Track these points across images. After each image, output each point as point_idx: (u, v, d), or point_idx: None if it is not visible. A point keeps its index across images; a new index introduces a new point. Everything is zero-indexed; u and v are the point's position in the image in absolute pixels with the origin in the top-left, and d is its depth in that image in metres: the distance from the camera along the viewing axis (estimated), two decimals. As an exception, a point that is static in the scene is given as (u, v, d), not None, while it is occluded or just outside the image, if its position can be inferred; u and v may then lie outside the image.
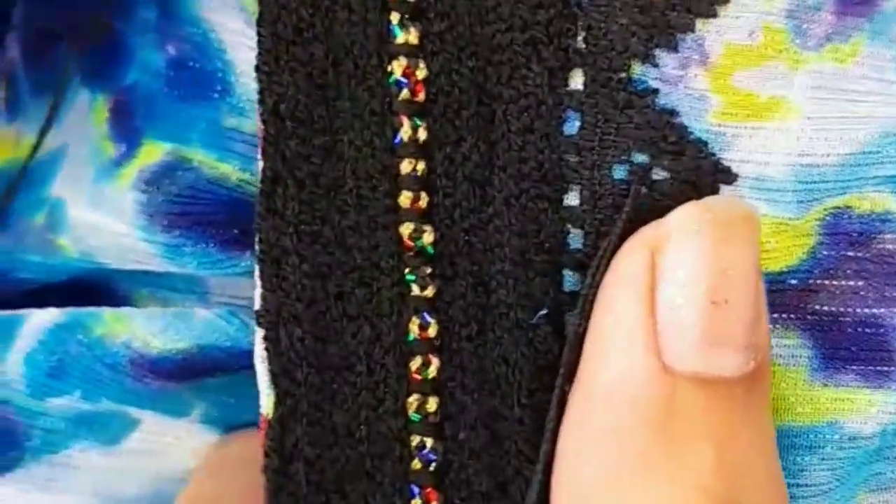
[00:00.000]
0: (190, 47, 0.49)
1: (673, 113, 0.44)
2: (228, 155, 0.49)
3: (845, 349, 0.46)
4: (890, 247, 0.45)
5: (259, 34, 0.45)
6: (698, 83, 0.44)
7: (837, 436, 0.46)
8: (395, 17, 0.45)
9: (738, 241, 0.40)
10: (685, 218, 0.40)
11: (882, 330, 0.46)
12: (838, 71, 0.44)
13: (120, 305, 0.52)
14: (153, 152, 0.49)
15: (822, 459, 0.46)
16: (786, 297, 0.45)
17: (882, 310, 0.46)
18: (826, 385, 0.46)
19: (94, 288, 0.53)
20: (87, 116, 0.51)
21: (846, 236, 0.45)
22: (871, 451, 0.47)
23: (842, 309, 0.46)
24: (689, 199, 0.44)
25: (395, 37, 0.45)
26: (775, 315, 0.46)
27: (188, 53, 0.49)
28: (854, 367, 0.46)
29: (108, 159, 0.50)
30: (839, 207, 0.45)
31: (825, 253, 0.45)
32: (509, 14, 0.44)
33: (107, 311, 0.51)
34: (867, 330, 0.46)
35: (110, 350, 0.50)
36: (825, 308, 0.46)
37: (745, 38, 0.43)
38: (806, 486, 0.46)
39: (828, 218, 0.45)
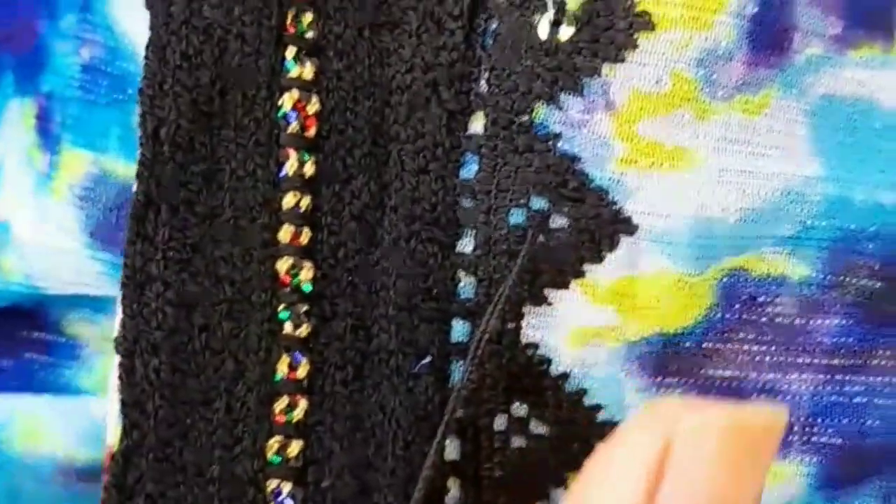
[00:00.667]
0: (103, 51, 0.47)
1: (574, 159, 0.42)
2: None
3: None
4: (785, 311, 0.43)
5: (146, 58, 0.44)
6: (602, 129, 0.42)
7: None
8: (290, 52, 0.43)
9: (752, 476, 0.38)
10: (711, 429, 0.38)
11: (779, 396, 0.44)
12: (746, 123, 0.43)
13: (50, 332, 0.50)
14: (76, 164, 0.47)
15: None
16: (680, 360, 0.44)
17: (779, 375, 0.44)
18: None
19: (27, 313, 0.51)
20: (19, 125, 0.50)
21: (742, 299, 0.43)
22: None
23: (738, 373, 0.44)
24: (587, 248, 0.42)
25: (287, 71, 0.43)
26: (670, 379, 0.44)
27: (102, 57, 0.47)
28: None
29: (39, 170, 0.48)
30: (736, 269, 0.43)
31: (720, 315, 0.43)
32: (411, 55, 0.43)
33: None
34: (764, 397, 0.44)
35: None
36: (721, 373, 0.44)
37: (652, 85, 0.42)
38: None
39: (724, 279, 0.43)
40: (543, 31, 0.42)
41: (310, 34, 0.43)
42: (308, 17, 0.43)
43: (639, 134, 0.42)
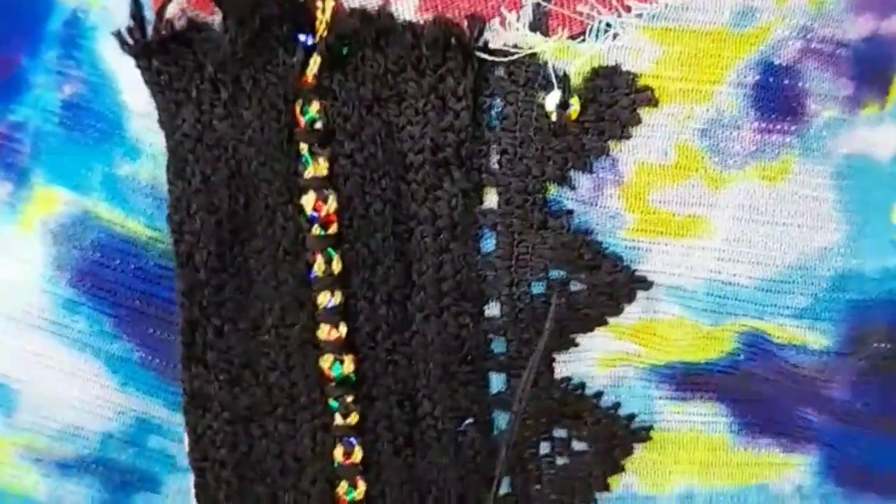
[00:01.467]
0: (86, 88, 0.47)
1: (588, 231, 0.44)
2: (133, 210, 0.47)
3: (760, 418, 0.48)
4: (805, 372, 0.45)
5: (169, 181, 0.45)
6: (613, 203, 0.43)
7: (763, 496, 0.49)
8: (303, 148, 0.44)
9: None
10: None
11: (789, 405, 0.47)
12: (768, 190, 0.43)
13: None
14: (52, 200, 0.48)
15: None
16: (703, 377, 0.47)
17: (795, 409, 0.47)
18: (747, 450, 0.48)
19: None
20: None
21: (764, 353, 0.45)
22: None
23: (756, 390, 0.47)
24: (607, 305, 0.45)
25: (305, 168, 0.44)
26: (693, 392, 0.47)
27: (84, 94, 0.47)
28: (769, 434, 0.48)
29: None
30: (757, 329, 0.45)
31: (742, 357, 0.46)
32: (419, 134, 0.44)
33: None
34: (778, 405, 0.47)
35: None
36: (741, 388, 0.47)
37: (658, 157, 0.43)
38: None
39: (745, 334, 0.45)
40: (552, 112, 0.43)
41: (319, 124, 0.44)
42: (315, 106, 0.44)
43: (649, 205, 0.43)
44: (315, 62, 0.43)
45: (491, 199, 0.44)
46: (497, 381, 0.46)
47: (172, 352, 0.47)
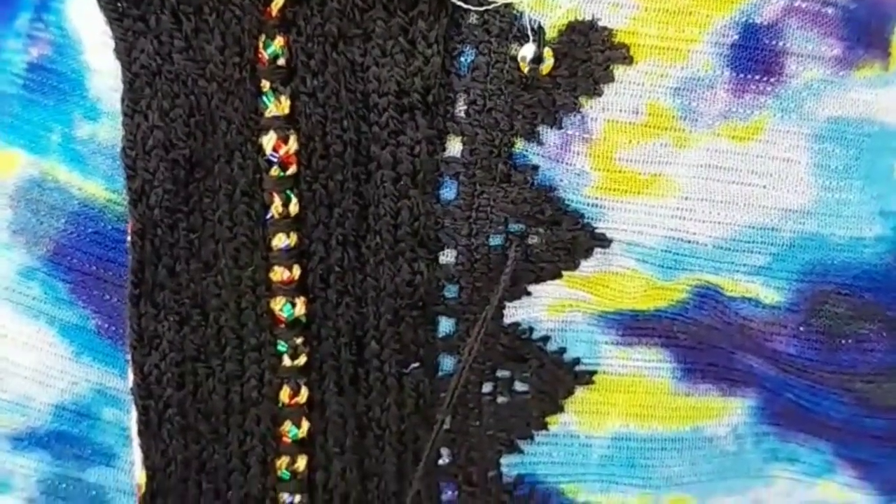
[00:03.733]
0: (51, 49, 0.46)
1: (551, 188, 0.43)
2: (92, 172, 0.46)
3: (703, 364, 0.48)
4: (754, 325, 0.45)
5: (123, 114, 0.43)
6: (579, 160, 0.43)
7: (698, 437, 0.49)
8: (265, 86, 0.43)
9: None
10: None
11: (731, 350, 0.47)
12: (735, 149, 0.43)
13: None
14: (9, 163, 0.47)
15: (684, 458, 0.49)
16: (650, 324, 0.47)
17: (736, 355, 0.47)
18: (687, 395, 0.48)
19: None
20: None
21: (713, 306, 0.45)
22: (727, 451, 0.49)
23: (699, 343, 0.47)
24: (564, 260, 0.44)
25: (265, 107, 0.43)
26: (639, 338, 0.47)
27: (49, 55, 0.46)
28: (710, 380, 0.48)
29: None
30: (710, 284, 0.45)
31: (691, 307, 0.46)
32: (385, 77, 0.42)
33: None
34: (721, 352, 0.47)
35: None
36: (685, 336, 0.47)
37: (629, 116, 0.42)
38: (668, 479, 0.49)
39: (698, 288, 0.45)
40: (524, 65, 0.42)
41: (281, 60, 0.42)
42: (278, 41, 0.42)
43: (615, 163, 0.43)
44: (279, -6, 0.41)
45: (455, 147, 0.43)
46: (445, 325, 0.46)
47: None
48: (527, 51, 0.42)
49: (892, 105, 0.44)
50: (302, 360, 0.45)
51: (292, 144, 0.43)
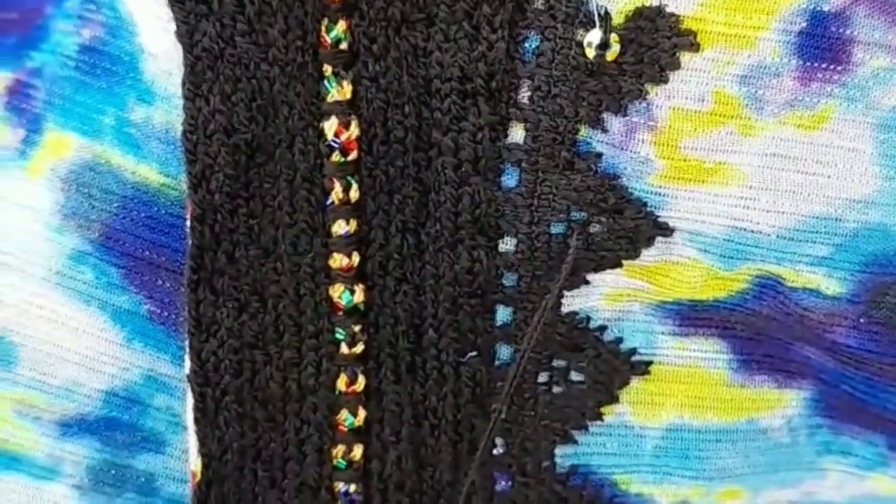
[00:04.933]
0: (104, 31, 0.46)
1: (615, 176, 0.43)
2: (146, 156, 0.46)
3: (759, 355, 0.47)
4: (814, 316, 0.45)
5: (185, 98, 0.43)
6: (644, 148, 0.42)
7: (752, 429, 0.49)
8: (327, 70, 0.42)
9: None
10: None
11: (788, 341, 0.47)
12: (801, 138, 0.42)
13: None
14: (63, 145, 0.46)
15: (737, 450, 0.49)
16: (709, 314, 0.46)
17: (794, 346, 0.47)
18: (742, 386, 0.48)
19: None
20: None
21: (774, 296, 0.45)
22: (781, 444, 0.49)
23: (759, 327, 0.47)
24: (625, 249, 0.44)
25: (327, 92, 0.42)
26: (696, 329, 0.47)
27: (101, 37, 0.46)
28: (766, 371, 0.48)
29: (6, 145, 0.47)
30: (772, 274, 0.44)
31: (750, 297, 0.45)
32: (448, 62, 0.42)
33: None
34: (776, 342, 0.47)
35: None
36: (743, 327, 0.47)
37: (695, 103, 0.42)
38: (721, 471, 0.49)
39: (759, 278, 0.45)
40: (590, 51, 0.41)
41: (344, 44, 0.42)
42: (342, 25, 0.42)
43: (680, 151, 0.42)
44: (342, -22, 0.41)
45: (517, 134, 0.43)
46: (503, 314, 0.45)
47: (183, 305, 0.45)
48: (593, 37, 0.41)
49: None
50: (359, 347, 0.45)
51: (354, 130, 0.43)
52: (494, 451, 0.47)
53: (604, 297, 0.46)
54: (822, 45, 0.41)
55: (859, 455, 0.49)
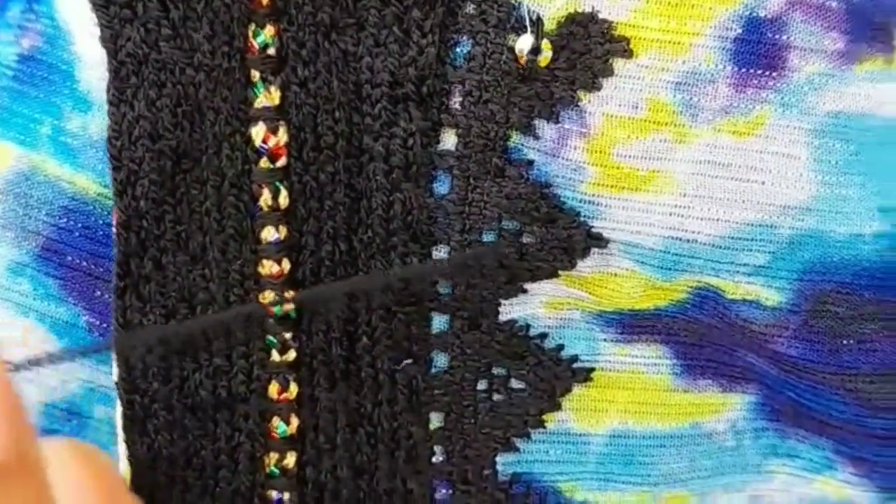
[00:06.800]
0: (42, 40, 0.45)
1: (547, 184, 0.42)
2: (83, 165, 0.45)
3: (703, 360, 0.47)
4: (755, 327, 0.45)
5: (109, 103, 0.42)
6: (576, 155, 0.42)
7: (696, 433, 0.48)
8: (255, 76, 0.42)
9: None
10: None
11: (731, 347, 0.46)
12: (735, 145, 0.42)
13: None
14: (1, 156, 0.46)
15: (682, 455, 0.48)
16: (650, 322, 0.46)
17: (737, 353, 0.46)
18: (686, 391, 0.47)
19: None
20: None
21: (715, 306, 0.45)
22: (726, 447, 0.49)
23: (702, 334, 0.46)
24: (560, 260, 0.44)
25: (255, 97, 0.42)
26: (639, 335, 0.46)
27: (40, 47, 0.45)
28: (710, 375, 0.47)
29: None
30: (711, 286, 0.44)
31: (690, 306, 0.45)
32: (378, 67, 0.41)
33: None
34: (719, 347, 0.46)
35: None
36: (686, 333, 0.46)
37: (628, 110, 0.41)
38: (666, 476, 0.49)
39: (698, 289, 0.44)
40: (522, 57, 0.41)
41: (272, 49, 0.42)
42: (269, 30, 0.41)
43: (613, 159, 0.42)
44: (270, -19, 0.40)
45: (449, 140, 0.42)
46: (439, 322, 0.45)
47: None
48: (524, 42, 0.40)
49: (894, 98, 0.43)
50: (291, 355, 0.44)
51: (282, 136, 0.42)
52: (433, 460, 0.47)
53: (543, 305, 0.45)
54: (757, 52, 0.41)
55: (806, 458, 0.49)
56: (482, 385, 0.46)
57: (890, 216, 0.44)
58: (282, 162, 0.42)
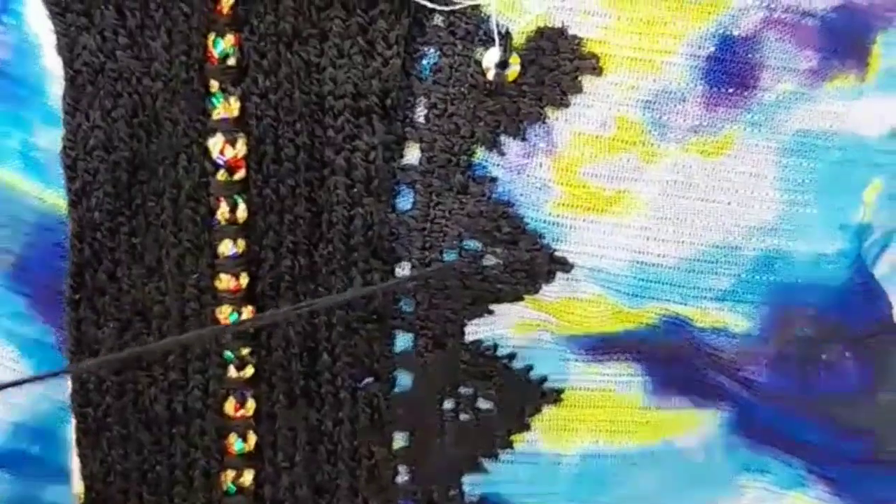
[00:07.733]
0: (12, 54, 0.44)
1: (510, 203, 0.41)
2: (52, 181, 0.45)
3: (675, 378, 0.46)
4: (724, 354, 0.44)
5: (64, 112, 0.42)
6: (542, 173, 0.41)
7: (669, 450, 0.48)
8: (214, 86, 0.41)
9: None
10: None
11: (702, 368, 0.45)
12: (703, 164, 0.41)
13: None
14: None
15: (654, 472, 0.48)
16: (621, 343, 0.45)
17: (709, 374, 0.46)
18: (658, 408, 0.47)
19: None
20: None
21: (684, 334, 0.44)
22: (695, 463, 0.48)
23: (673, 354, 0.45)
24: (523, 283, 0.43)
25: (214, 108, 0.41)
26: (609, 355, 0.45)
27: (9, 60, 0.45)
28: (682, 392, 0.47)
29: None
30: (679, 315, 0.43)
31: (660, 332, 0.44)
32: (342, 79, 0.40)
33: None
34: (691, 365, 0.45)
35: None
36: (657, 351, 0.45)
37: (596, 128, 0.40)
38: (637, 495, 0.48)
39: (666, 318, 0.43)
40: (489, 70, 0.40)
41: (232, 59, 0.41)
42: (230, 40, 0.41)
43: (579, 178, 0.41)
44: (231, -10, 0.40)
45: (413, 154, 0.41)
46: (403, 340, 0.44)
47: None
48: (492, 55, 0.40)
49: (867, 116, 0.41)
50: (249, 371, 0.44)
51: (240, 148, 0.41)
52: (398, 479, 0.46)
53: (512, 326, 0.44)
54: (730, 70, 0.40)
55: (777, 474, 0.49)
56: (448, 405, 0.45)
57: (848, 233, 0.43)
58: (240, 174, 0.42)
